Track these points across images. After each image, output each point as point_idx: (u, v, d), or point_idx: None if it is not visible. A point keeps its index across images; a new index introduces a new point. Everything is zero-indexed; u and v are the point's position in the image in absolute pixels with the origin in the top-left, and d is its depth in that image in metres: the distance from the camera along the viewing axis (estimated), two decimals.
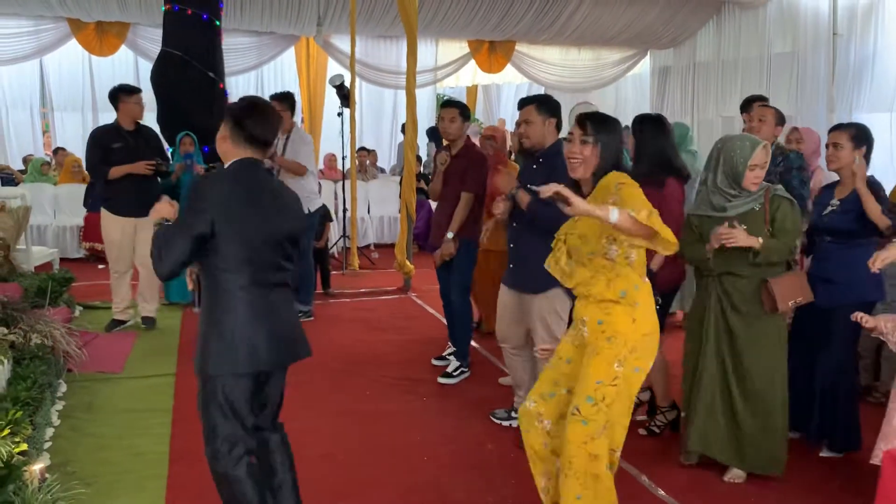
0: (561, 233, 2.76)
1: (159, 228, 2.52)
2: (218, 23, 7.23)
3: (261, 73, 12.46)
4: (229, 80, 8.56)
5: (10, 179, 9.72)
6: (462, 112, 4.56)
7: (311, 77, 12.04)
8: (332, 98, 9.89)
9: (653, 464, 3.50)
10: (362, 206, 9.75)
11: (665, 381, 3.87)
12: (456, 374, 4.66)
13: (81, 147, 7.33)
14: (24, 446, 2.92)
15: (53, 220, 9.04)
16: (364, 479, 3.33)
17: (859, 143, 3.50)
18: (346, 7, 10.25)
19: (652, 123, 3.77)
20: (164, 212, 2.59)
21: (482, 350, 5.27)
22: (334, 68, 11.24)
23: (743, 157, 3.17)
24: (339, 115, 8.18)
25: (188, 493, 3.17)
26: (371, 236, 10.03)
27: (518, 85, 13.74)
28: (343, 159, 8.68)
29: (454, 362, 4.69)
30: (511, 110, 13.45)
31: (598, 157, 2.63)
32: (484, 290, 5.24)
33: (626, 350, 2.55)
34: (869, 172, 3.63)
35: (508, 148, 6.43)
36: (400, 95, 12.62)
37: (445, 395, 4.45)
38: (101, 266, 5.65)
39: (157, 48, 7.67)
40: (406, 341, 5.50)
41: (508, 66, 12.76)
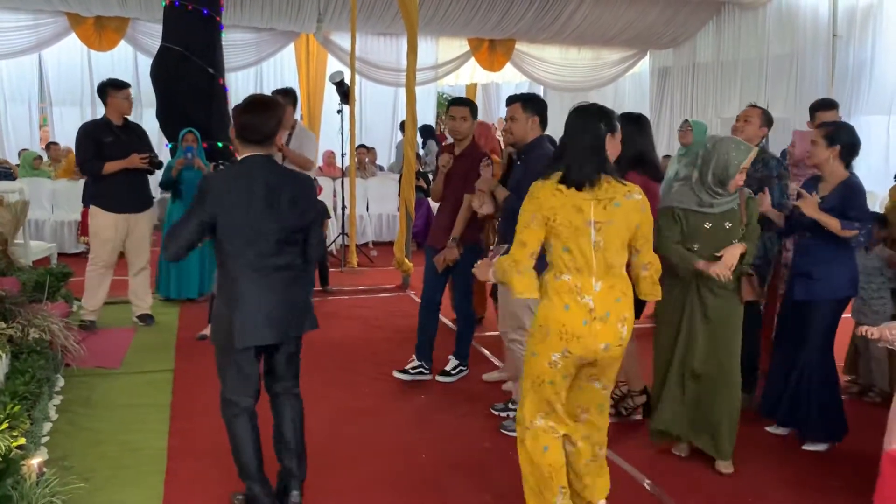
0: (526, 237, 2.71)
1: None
2: (218, 18, 7.23)
3: (260, 69, 12.45)
4: (229, 76, 8.55)
5: (8, 174, 9.67)
6: (472, 110, 4.47)
7: (311, 74, 12.03)
8: (331, 95, 9.88)
9: (649, 464, 3.52)
10: (361, 204, 9.76)
11: (636, 366, 3.99)
12: (454, 372, 4.66)
13: None
14: (22, 440, 2.92)
15: (51, 215, 9.02)
16: (361, 477, 3.34)
17: (832, 142, 3.57)
18: (346, 4, 10.25)
19: (632, 123, 3.84)
20: None
21: (480, 347, 5.27)
22: (334, 65, 11.25)
23: (738, 160, 3.26)
24: (339, 112, 8.16)
25: (186, 489, 3.17)
26: (370, 234, 10.02)
27: (517, 84, 13.74)
28: (342, 156, 8.67)
29: (453, 361, 4.69)
30: None
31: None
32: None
33: (531, 334, 2.77)
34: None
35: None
36: (399, 93, 12.63)
37: (443, 394, 4.46)
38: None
39: (156, 44, 7.67)
40: (404, 339, 5.49)
41: (508, 65, 12.78)
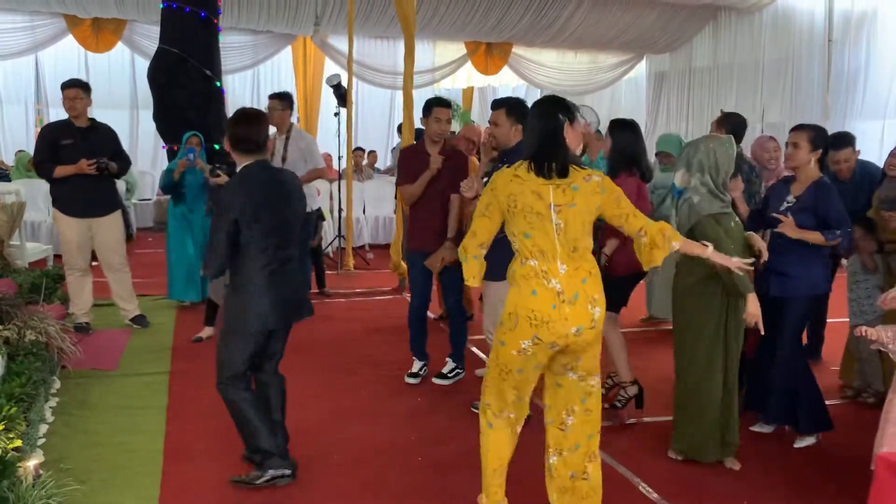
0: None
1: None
2: (216, 21, 7.24)
3: (257, 72, 12.45)
4: (225, 78, 8.54)
5: (4, 175, 9.66)
6: (453, 111, 4.59)
7: (308, 76, 12.05)
8: (328, 98, 9.90)
9: (643, 463, 3.53)
10: (357, 207, 9.76)
11: (626, 358, 4.07)
12: (451, 374, 4.67)
13: None
14: (19, 442, 2.92)
15: (48, 217, 8.98)
16: (359, 480, 3.34)
17: (816, 145, 3.62)
18: (343, 7, 10.26)
19: (628, 129, 4.10)
20: None
21: (474, 349, 5.28)
22: (331, 68, 11.25)
23: (731, 152, 3.39)
24: (336, 115, 8.18)
25: (181, 491, 3.17)
26: (366, 237, 10.03)
27: (514, 87, 13.76)
28: (339, 159, 8.68)
29: (450, 363, 4.70)
30: None
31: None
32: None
33: (500, 322, 2.73)
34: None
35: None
36: (396, 96, 12.64)
37: (440, 396, 4.46)
38: (94, 262, 5.59)
39: (153, 45, 7.66)
40: (400, 341, 5.49)
41: (505, 69, 12.81)
